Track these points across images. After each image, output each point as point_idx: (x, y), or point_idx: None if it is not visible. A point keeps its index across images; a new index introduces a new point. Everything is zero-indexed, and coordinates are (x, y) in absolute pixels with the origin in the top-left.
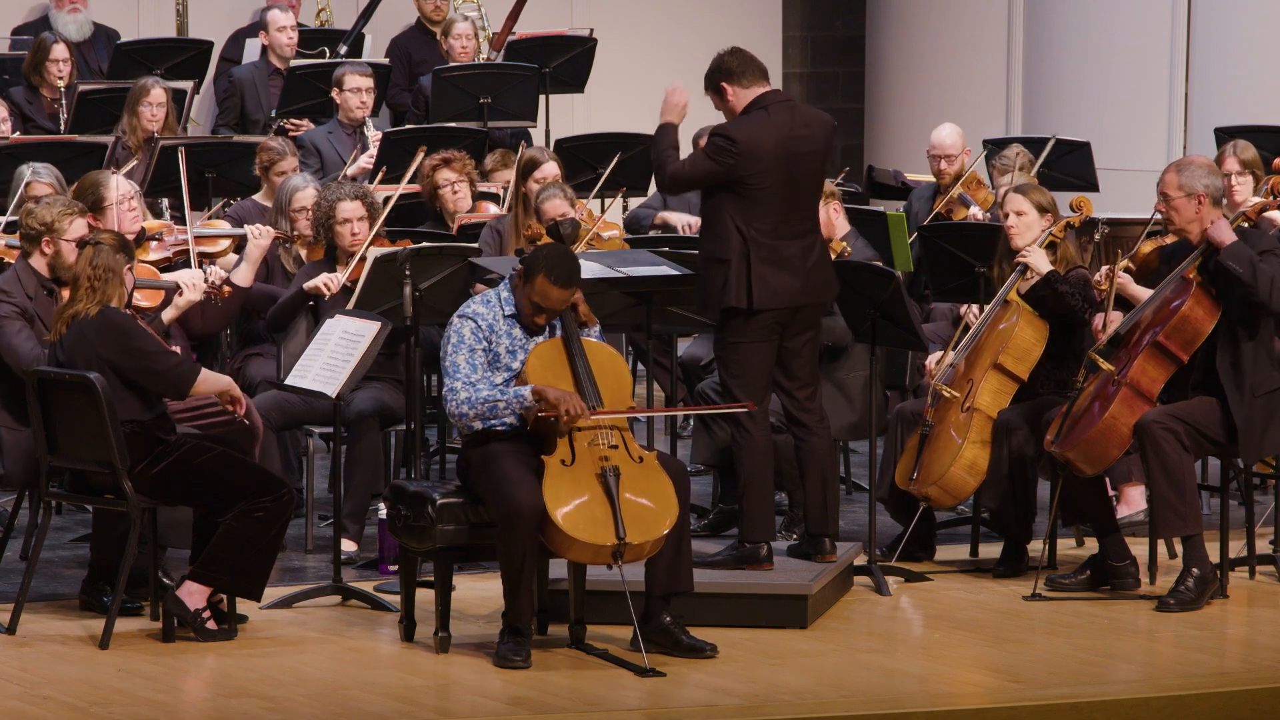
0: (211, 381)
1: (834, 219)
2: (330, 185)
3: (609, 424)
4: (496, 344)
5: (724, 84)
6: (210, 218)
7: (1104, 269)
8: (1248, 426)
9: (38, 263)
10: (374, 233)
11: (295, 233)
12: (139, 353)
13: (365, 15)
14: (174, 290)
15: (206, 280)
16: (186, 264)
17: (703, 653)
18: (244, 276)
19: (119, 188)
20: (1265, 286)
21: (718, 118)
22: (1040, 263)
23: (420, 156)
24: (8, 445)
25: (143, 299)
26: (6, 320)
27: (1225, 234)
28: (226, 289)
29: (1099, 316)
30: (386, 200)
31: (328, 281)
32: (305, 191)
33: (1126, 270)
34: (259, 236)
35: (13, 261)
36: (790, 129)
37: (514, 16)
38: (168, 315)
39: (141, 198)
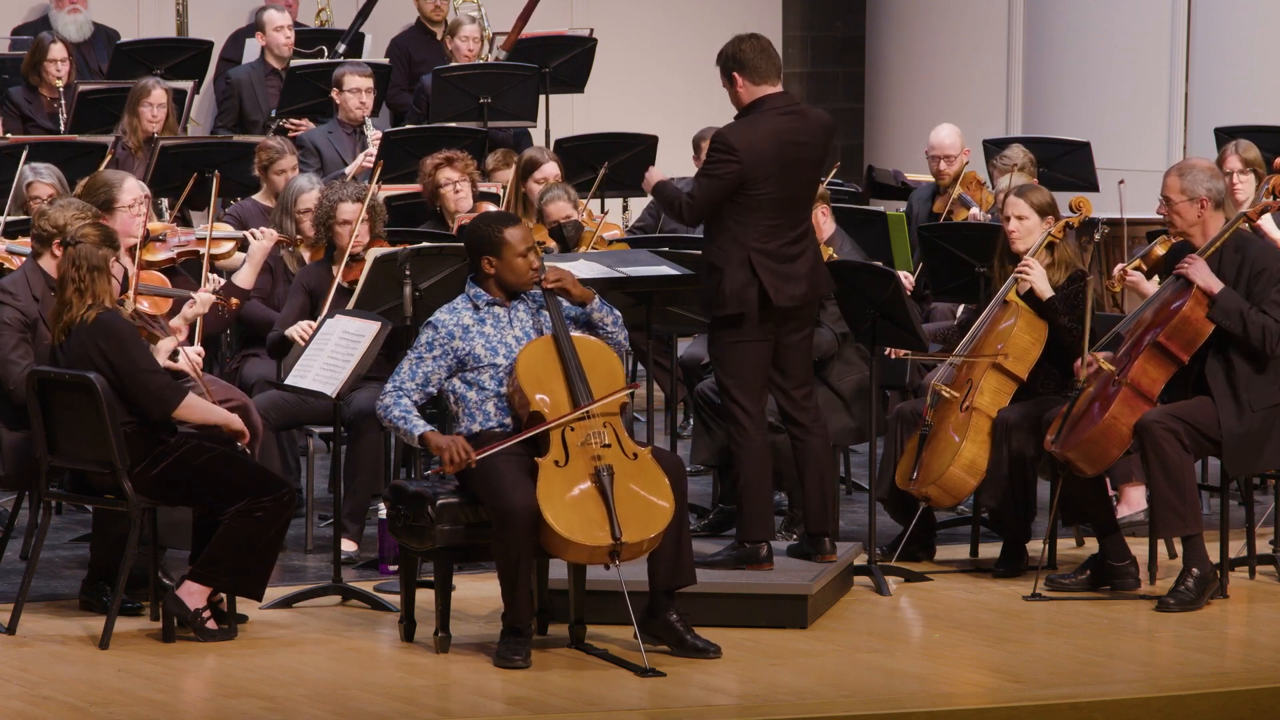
0: (202, 412)
1: (821, 222)
2: (333, 185)
3: (601, 419)
4: (468, 345)
5: (736, 74)
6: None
7: (1118, 268)
8: (1245, 438)
9: (47, 264)
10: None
11: (299, 235)
12: (131, 367)
13: (363, 14)
14: (184, 301)
15: (215, 293)
16: (192, 266)
17: (706, 653)
18: (246, 278)
19: (132, 191)
20: (1257, 336)
21: (719, 118)
22: (1043, 287)
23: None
24: (7, 446)
25: (148, 305)
26: (6, 328)
27: (1208, 279)
28: (235, 301)
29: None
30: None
31: (301, 332)
32: (310, 194)
33: (1138, 269)
34: (261, 238)
35: (12, 268)
36: (789, 134)
37: (525, 17)
38: (174, 323)
39: (150, 200)
